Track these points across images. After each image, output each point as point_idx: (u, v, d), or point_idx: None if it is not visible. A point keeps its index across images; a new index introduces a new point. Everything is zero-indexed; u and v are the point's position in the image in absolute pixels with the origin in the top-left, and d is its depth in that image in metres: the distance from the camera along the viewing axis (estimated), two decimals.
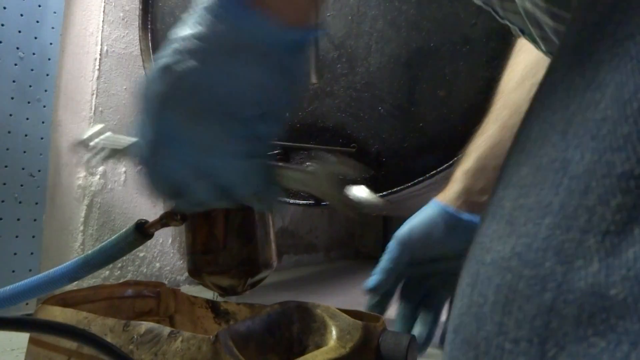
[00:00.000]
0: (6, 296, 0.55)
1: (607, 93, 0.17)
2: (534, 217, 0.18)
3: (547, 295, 0.16)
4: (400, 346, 0.65)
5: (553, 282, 0.16)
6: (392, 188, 0.89)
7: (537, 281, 0.17)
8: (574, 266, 0.16)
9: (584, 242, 0.16)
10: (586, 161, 0.17)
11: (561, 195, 0.17)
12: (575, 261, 0.16)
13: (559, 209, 0.17)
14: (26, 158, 1.15)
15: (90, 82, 1.25)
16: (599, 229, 0.16)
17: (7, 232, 1.11)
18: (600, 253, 0.15)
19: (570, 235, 0.16)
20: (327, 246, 2.59)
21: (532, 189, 0.19)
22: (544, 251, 0.17)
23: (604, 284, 0.15)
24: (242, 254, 0.68)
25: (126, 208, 1.33)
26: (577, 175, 0.17)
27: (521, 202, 0.19)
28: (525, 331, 0.16)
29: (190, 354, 0.49)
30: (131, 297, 0.80)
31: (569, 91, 0.19)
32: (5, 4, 1.11)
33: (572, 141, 0.18)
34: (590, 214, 0.16)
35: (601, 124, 0.17)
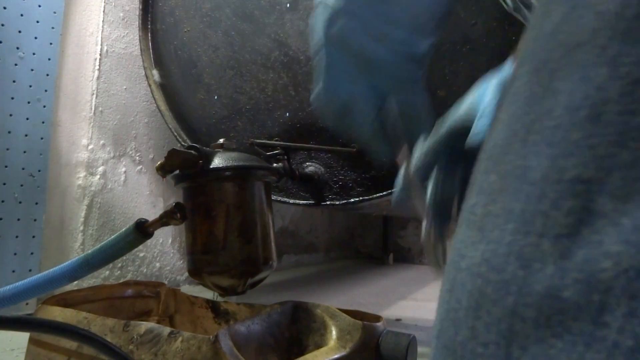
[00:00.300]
0: (6, 296, 0.55)
1: (560, 101, 0.18)
2: (500, 223, 0.19)
3: (510, 299, 0.17)
4: (400, 346, 0.65)
5: (515, 286, 0.17)
6: (392, 188, 0.88)
7: (502, 285, 0.17)
8: (532, 270, 0.17)
9: (540, 246, 0.17)
10: (542, 167, 0.18)
11: (521, 202, 0.18)
12: (533, 265, 0.17)
13: (519, 215, 0.18)
14: (26, 158, 1.15)
15: (90, 82, 1.25)
16: (552, 232, 0.17)
17: (7, 232, 1.11)
18: (554, 256, 0.16)
19: (529, 240, 0.17)
20: (327, 246, 2.59)
21: (499, 196, 0.19)
22: (507, 256, 0.18)
23: (558, 286, 0.16)
24: (242, 254, 0.68)
25: (126, 208, 1.33)
26: (534, 182, 0.18)
27: (489, 209, 0.20)
28: (493, 334, 0.17)
29: (190, 354, 0.49)
30: (131, 297, 0.80)
31: (529, 99, 0.20)
32: (5, 4, 1.11)
33: (531, 148, 0.19)
34: (545, 218, 0.17)
35: (555, 131, 0.18)
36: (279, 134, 0.99)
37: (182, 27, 1.11)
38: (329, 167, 0.94)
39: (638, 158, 0.15)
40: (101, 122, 1.27)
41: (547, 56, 0.19)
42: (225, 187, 0.67)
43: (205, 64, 1.08)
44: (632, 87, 0.16)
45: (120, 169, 1.32)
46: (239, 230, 0.67)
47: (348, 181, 0.93)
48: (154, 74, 1.15)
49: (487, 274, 0.18)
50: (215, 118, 1.07)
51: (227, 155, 0.68)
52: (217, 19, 1.06)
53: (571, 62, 0.18)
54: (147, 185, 1.40)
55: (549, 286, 0.16)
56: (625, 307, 0.14)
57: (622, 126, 0.16)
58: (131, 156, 1.36)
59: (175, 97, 1.13)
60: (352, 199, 0.92)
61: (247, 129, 1.02)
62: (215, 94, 1.07)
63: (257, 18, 1.00)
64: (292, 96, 0.97)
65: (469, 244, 0.20)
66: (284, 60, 0.98)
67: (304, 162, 0.96)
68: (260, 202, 0.69)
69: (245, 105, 1.03)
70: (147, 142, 1.41)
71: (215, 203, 0.66)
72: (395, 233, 2.81)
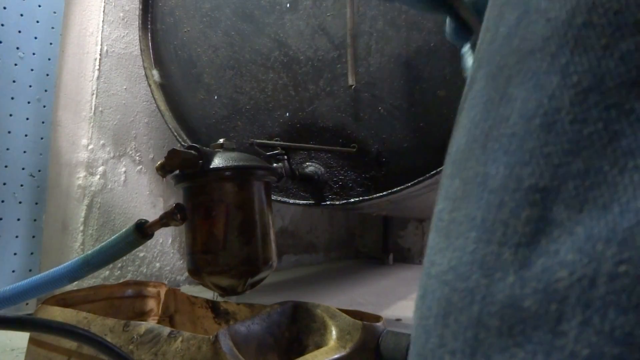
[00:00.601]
0: (6, 296, 0.55)
1: (515, 108, 0.18)
2: (463, 231, 0.19)
3: (475, 307, 0.17)
4: (400, 346, 0.65)
5: (479, 294, 0.17)
6: (392, 188, 0.89)
7: (467, 294, 0.17)
8: (494, 278, 0.17)
9: (501, 255, 0.17)
10: (500, 175, 0.18)
11: (482, 209, 0.18)
12: (495, 274, 0.17)
13: (481, 223, 0.18)
14: (26, 158, 1.15)
15: (90, 82, 1.25)
16: (512, 241, 0.17)
17: (7, 232, 1.11)
18: (515, 265, 0.16)
19: (490, 249, 0.17)
20: (327, 246, 2.59)
21: (462, 203, 0.19)
22: (471, 264, 0.18)
23: (519, 295, 0.16)
24: (242, 254, 0.68)
25: (126, 208, 1.33)
26: (494, 190, 0.18)
27: (454, 216, 0.20)
28: (460, 342, 0.17)
29: (190, 354, 0.49)
30: (131, 297, 0.80)
31: (487, 104, 0.20)
32: (5, 4, 1.11)
33: (490, 155, 0.19)
34: (505, 227, 0.17)
35: (511, 138, 0.18)
36: (279, 134, 0.99)
37: (182, 27, 1.11)
38: (329, 167, 0.94)
39: (590, 167, 0.15)
40: (101, 122, 1.27)
41: (503, 61, 0.19)
42: (225, 187, 0.67)
43: (205, 64, 1.08)
44: (583, 96, 0.16)
45: (120, 169, 1.32)
46: (239, 230, 0.67)
47: (348, 181, 0.93)
48: (154, 74, 1.15)
49: (453, 282, 0.18)
50: (215, 118, 1.07)
51: (227, 155, 0.68)
52: (217, 19, 1.06)
53: (525, 69, 0.18)
54: (147, 185, 1.40)
55: (510, 295, 0.16)
56: (580, 315, 0.14)
57: (574, 135, 0.16)
58: (131, 156, 1.36)
59: (175, 97, 1.13)
60: (352, 199, 0.92)
61: (247, 129, 1.02)
62: (215, 94, 1.07)
63: (257, 18, 1.00)
64: (292, 96, 0.97)
65: (437, 251, 0.20)
66: (284, 60, 0.98)
67: (304, 162, 0.96)
68: (260, 202, 0.69)
69: (245, 105, 1.03)
70: (147, 142, 1.41)
71: (215, 203, 0.66)
72: (395, 233, 2.81)
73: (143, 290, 0.82)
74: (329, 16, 0.94)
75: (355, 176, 0.92)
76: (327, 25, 0.94)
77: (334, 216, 2.65)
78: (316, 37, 0.95)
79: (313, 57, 0.95)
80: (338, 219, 2.70)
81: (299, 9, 0.96)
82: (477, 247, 0.18)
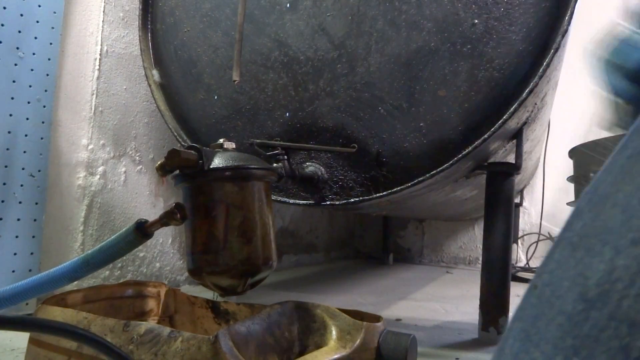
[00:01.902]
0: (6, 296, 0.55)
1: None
2: None
3: None
4: (400, 346, 0.65)
5: None
6: (392, 188, 0.89)
7: None
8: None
9: None
10: None
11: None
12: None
13: None
14: (26, 158, 1.15)
15: (90, 82, 1.25)
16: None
17: (7, 232, 1.11)
18: None
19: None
20: (327, 246, 2.59)
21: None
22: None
23: None
24: (242, 254, 0.68)
25: (126, 208, 1.33)
26: None
27: None
28: None
29: (190, 354, 0.49)
30: (131, 297, 0.80)
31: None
32: (5, 4, 1.11)
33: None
34: None
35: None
36: (279, 134, 0.99)
37: (182, 27, 1.11)
38: (329, 167, 0.94)
39: None
40: (101, 122, 1.27)
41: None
42: (225, 187, 0.67)
43: (205, 64, 1.08)
44: None
45: (120, 169, 1.32)
46: (239, 230, 0.67)
47: (348, 181, 0.93)
48: (154, 74, 1.15)
49: None
50: (215, 118, 1.07)
51: (227, 155, 0.68)
52: (217, 19, 1.06)
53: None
54: (147, 185, 1.40)
55: None
56: None
57: None
58: (131, 156, 1.36)
59: (175, 97, 1.13)
60: (352, 199, 0.92)
61: (247, 129, 1.02)
62: (215, 94, 1.07)
63: (257, 18, 1.00)
64: (292, 96, 0.97)
65: None
66: (284, 60, 0.98)
67: (304, 162, 0.96)
68: (260, 202, 0.69)
69: (245, 105, 1.03)
70: (147, 142, 1.41)
71: (215, 203, 0.66)
72: (395, 233, 2.81)
73: (143, 290, 0.82)
74: (329, 16, 0.94)
75: (355, 176, 0.92)
76: (327, 25, 0.94)
77: (334, 216, 2.65)
78: (316, 37, 0.95)
79: (313, 57, 0.95)
80: (338, 219, 2.70)
81: (299, 9, 0.96)
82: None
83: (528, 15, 0.82)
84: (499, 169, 1.03)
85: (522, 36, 0.82)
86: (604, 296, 0.18)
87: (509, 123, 0.83)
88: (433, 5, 0.86)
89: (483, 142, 0.83)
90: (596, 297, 0.18)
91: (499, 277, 1.01)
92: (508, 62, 0.82)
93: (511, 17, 0.82)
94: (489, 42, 0.83)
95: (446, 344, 1.02)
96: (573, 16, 0.79)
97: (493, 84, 0.83)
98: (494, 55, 0.83)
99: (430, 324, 1.20)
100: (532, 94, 0.82)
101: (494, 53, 0.83)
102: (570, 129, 2.15)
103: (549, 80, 0.96)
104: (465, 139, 0.85)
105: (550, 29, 0.81)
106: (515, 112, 0.82)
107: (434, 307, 1.41)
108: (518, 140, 1.00)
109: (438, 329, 1.16)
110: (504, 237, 1.01)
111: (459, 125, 0.85)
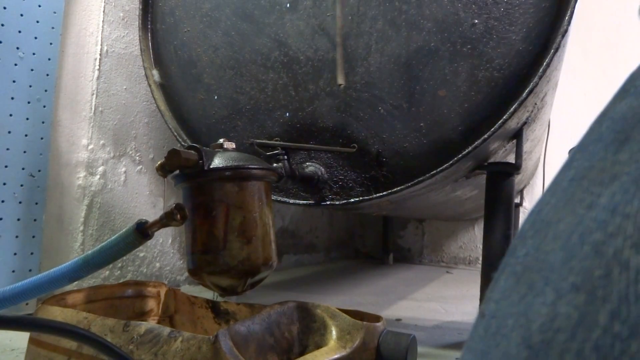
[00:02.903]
0: (6, 296, 0.55)
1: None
2: None
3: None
4: (400, 346, 0.65)
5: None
6: (392, 188, 0.89)
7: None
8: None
9: None
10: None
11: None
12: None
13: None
14: (26, 158, 1.15)
15: (90, 82, 1.25)
16: None
17: (7, 232, 1.11)
18: None
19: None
20: (327, 246, 2.59)
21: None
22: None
23: None
24: (242, 254, 0.68)
25: (126, 208, 1.33)
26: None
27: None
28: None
29: (190, 354, 0.49)
30: (131, 297, 0.80)
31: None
32: (5, 4, 1.11)
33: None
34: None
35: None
36: (279, 134, 0.99)
37: (182, 27, 1.11)
38: (329, 167, 0.94)
39: None
40: (101, 122, 1.27)
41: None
42: (225, 187, 0.67)
43: (205, 64, 1.08)
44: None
45: (120, 169, 1.32)
46: (239, 230, 0.67)
47: (348, 181, 0.93)
48: (154, 74, 1.15)
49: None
50: (215, 118, 1.07)
51: (227, 155, 0.68)
52: (217, 19, 1.06)
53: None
54: (147, 185, 1.40)
55: None
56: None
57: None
58: (131, 156, 1.36)
59: (175, 97, 1.13)
60: (352, 199, 0.92)
61: (247, 129, 1.02)
62: (215, 94, 1.07)
63: (257, 18, 1.00)
64: (292, 96, 0.97)
65: None
66: (284, 60, 0.98)
67: (304, 162, 0.96)
68: (260, 202, 0.69)
69: (245, 105, 1.03)
70: (147, 142, 1.41)
71: (215, 203, 0.66)
72: (395, 233, 2.81)
73: (143, 290, 0.82)
74: (329, 16, 0.94)
75: (355, 176, 0.92)
76: (327, 25, 0.94)
77: (334, 216, 2.65)
78: (316, 37, 0.95)
79: (313, 57, 0.95)
80: (338, 219, 2.70)
81: (299, 9, 0.96)
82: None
83: (528, 15, 0.82)
84: (499, 169, 1.03)
85: (522, 36, 0.82)
86: (546, 346, 0.17)
87: (509, 123, 0.83)
88: (433, 5, 0.86)
89: (483, 142, 0.83)
90: (539, 345, 0.18)
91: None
92: (508, 62, 0.82)
93: (511, 17, 0.82)
94: (489, 42, 0.83)
95: (446, 344, 1.02)
96: (573, 16, 0.79)
97: (493, 84, 0.83)
98: (494, 55, 0.83)
99: (430, 324, 1.20)
100: (532, 94, 0.82)
101: (494, 53, 0.83)
102: (571, 129, 2.15)
103: (549, 80, 0.96)
104: (465, 139, 0.85)
105: (550, 29, 0.81)
106: (515, 112, 0.82)
107: (434, 307, 1.41)
108: (518, 140, 1.00)
109: (438, 329, 1.16)
110: (504, 237, 1.01)
111: (459, 125, 0.85)
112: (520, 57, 0.82)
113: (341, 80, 0.84)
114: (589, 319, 0.17)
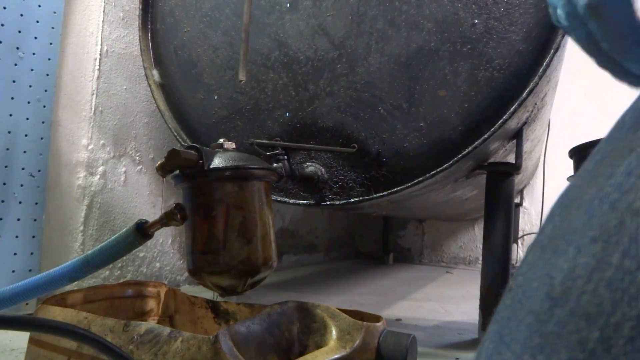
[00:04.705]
0: (6, 296, 0.55)
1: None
2: None
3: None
4: (400, 346, 0.65)
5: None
6: (392, 188, 0.89)
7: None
8: None
9: None
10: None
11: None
12: None
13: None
14: (26, 158, 1.15)
15: (90, 82, 1.25)
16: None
17: (7, 232, 1.11)
18: None
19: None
20: (327, 246, 2.59)
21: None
22: None
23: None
24: (242, 254, 0.68)
25: (126, 208, 1.33)
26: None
27: None
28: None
29: (190, 354, 0.49)
30: (131, 297, 0.80)
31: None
32: (5, 4, 1.11)
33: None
34: None
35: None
36: (279, 134, 0.99)
37: (182, 27, 1.11)
38: (329, 167, 0.94)
39: None
40: (101, 122, 1.27)
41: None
42: (225, 187, 0.67)
43: (205, 64, 1.08)
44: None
45: (120, 169, 1.32)
46: (239, 230, 0.67)
47: (348, 181, 0.93)
48: (154, 74, 1.15)
49: None
50: (215, 118, 1.07)
51: (227, 155, 0.68)
52: (217, 19, 1.06)
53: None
54: (147, 185, 1.40)
55: None
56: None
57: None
58: (131, 156, 1.36)
59: (175, 97, 1.13)
60: (352, 199, 0.92)
61: (247, 129, 1.02)
62: (215, 94, 1.07)
63: (257, 18, 1.00)
64: (292, 96, 0.97)
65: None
66: (284, 60, 0.98)
67: (304, 162, 0.96)
68: (260, 202, 0.69)
69: (245, 105, 1.03)
70: (147, 142, 1.41)
71: (215, 203, 0.66)
72: (395, 233, 2.81)
73: (143, 290, 0.82)
74: (329, 16, 0.94)
75: (355, 176, 0.92)
76: (327, 25, 0.94)
77: (334, 216, 2.65)
78: (316, 37, 0.95)
79: (313, 57, 0.95)
80: (338, 219, 2.70)
81: (299, 9, 0.96)
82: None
83: (528, 15, 0.82)
84: (499, 169, 1.03)
85: (522, 36, 0.82)
86: (566, 293, 0.19)
87: (509, 123, 0.83)
88: (433, 5, 0.86)
89: (483, 142, 0.83)
90: (560, 295, 0.19)
91: (499, 277, 1.01)
92: (508, 62, 0.82)
93: (511, 17, 0.82)
94: (489, 42, 0.83)
95: (446, 344, 1.02)
96: None
97: (493, 84, 0.83)
98: (494, 55, 0.83)
99: (430, 324, 1.20)
100: (532, 94, 0.82)
101: (494, 53, 0.83)
102: (571, 129, 2.15)
103: (549, 80, 0.96)
104: (465, 139, 0.85)
105: (550, 29, 0.81)
106: (515, 112, 0.82)
107: (434, 307, 1.41)
108: (518, 140, 1.00)
109: (438, 329, 1.16)
110: (504, 237, 1.01)
111: (459, 125, 0.85)
112: (520, 57, 0.82)
113: (242, 77, 0.83)
114: (604, 261, 0.18)
